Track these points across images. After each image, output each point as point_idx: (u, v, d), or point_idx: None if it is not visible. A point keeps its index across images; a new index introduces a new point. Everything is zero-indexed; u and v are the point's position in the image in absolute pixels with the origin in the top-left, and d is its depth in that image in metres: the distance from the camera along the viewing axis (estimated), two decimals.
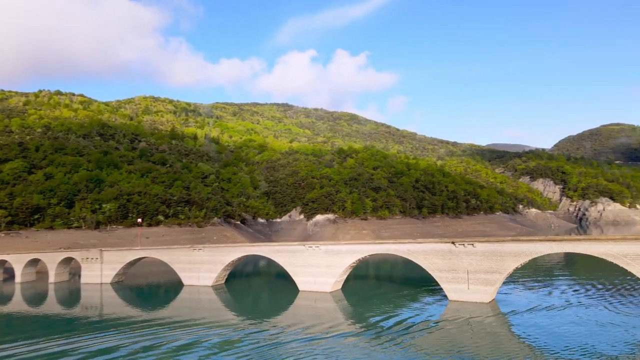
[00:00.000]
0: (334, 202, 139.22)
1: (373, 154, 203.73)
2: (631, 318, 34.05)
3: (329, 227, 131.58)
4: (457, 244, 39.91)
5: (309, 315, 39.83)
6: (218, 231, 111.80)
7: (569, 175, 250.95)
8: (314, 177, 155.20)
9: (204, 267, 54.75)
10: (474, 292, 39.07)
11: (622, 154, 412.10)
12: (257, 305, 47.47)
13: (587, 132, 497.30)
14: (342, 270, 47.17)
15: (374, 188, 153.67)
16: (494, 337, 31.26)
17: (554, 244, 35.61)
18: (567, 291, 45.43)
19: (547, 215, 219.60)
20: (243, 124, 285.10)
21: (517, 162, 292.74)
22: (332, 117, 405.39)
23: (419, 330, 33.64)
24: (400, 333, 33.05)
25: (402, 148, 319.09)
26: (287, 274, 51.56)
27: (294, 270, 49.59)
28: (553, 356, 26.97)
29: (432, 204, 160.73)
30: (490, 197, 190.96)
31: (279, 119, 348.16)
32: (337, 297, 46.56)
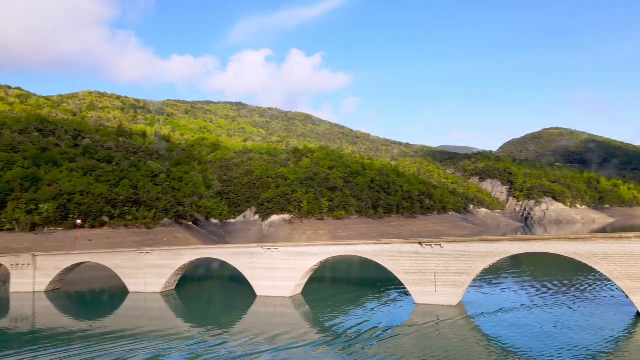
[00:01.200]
0: (289, 202, 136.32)
1: (328, 153, 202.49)
2: (597, 318, 33.63)
3: (285, 227, 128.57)
4: (424, 244, 38.29)
5: (268, 323, 36.99)
6: (169, 233, 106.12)
7: (515, 176, 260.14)
8: (269, 176, 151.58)
9: (152, 272, 50.42)
10: (441, 294, 37.57)
11: (562, 157, 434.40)
12: (210, 313, 43.87)
13: (530, 136, 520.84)
14: (304, 274, 44.55)
15: (330, 188, 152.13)
16: (462, 340, 29.84)
17: (522, 243, 34.65)
18: (532, 291, 45.03)
19: (496, 214, 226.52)
20: (195, 122, 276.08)
21: (467, 164, 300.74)
22: (286, 117, 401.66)
23: (385, 336, 31.71)
24: (366, 339, 31.02)
25: (356, 149, 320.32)
26: (243, 278, 48.32)
27: (251, 274, 46.45)
28: (521, 358, 25.98)
29: (388, 204, 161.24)
30: (443, 197, 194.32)
31: (232, 118, 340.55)
32: (297, 302, 43.89)
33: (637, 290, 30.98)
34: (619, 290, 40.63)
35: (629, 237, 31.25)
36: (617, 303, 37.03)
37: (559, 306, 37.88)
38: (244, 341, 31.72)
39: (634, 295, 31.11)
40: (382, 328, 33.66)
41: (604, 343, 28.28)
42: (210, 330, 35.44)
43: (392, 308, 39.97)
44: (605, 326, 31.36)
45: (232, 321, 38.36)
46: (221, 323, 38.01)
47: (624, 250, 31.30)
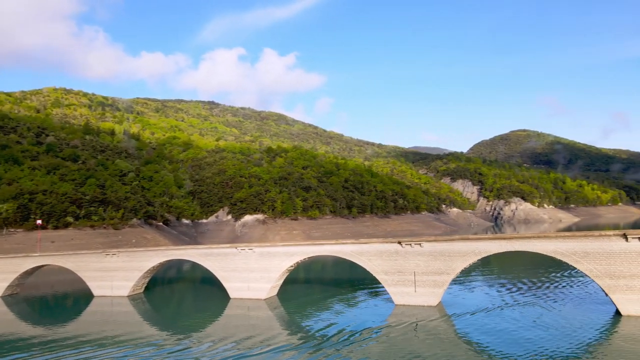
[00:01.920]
0: (263, 202, 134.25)
1: (302, 153, 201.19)
2: (576, 317, 33.40)
3: (258, 227, 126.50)
4: (403, 244, 37.41)
5: (242, 326, 35.40)
6: (137, 233, 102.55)
7: (485, 177, 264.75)
8: (242, 176, 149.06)
9: (118, 275, 47.91)
10: (421, 295, 36.75)
11: (529, 158, 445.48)
12: (181, 317, 41.84)
13: (499, 137, 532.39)
14: (279, 275, 43.05)
15: (304, 188, 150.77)
16: (442, 341, 29.10)
17: (503, 242, 34.18)
18: (511, 290, 44.77)
19: (467, 214, 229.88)
20: (166, 120, 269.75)
21: (438, 164, 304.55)
22: (259, 116, 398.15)
23: (362, 338, 30.68)
24: (343, 342, 29.94)
25: (329, 149, 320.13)
26: (216, 280, 46.45)
27: (224, 275, 44.63)
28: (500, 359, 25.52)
29: (362, 204, 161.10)
30: (416, 197, 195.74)
31: (204, 117, 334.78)
32: (272, 304, 42.37)
33: (617, 289, 30.89)
34: (596, 289, 40.82)
35: (608, 235, 31.14)
36: (595, 301, 37.03)
37: (537, 305, 37.63)
38: (216, 345, 30.08)
39: (614, 293, 31.00)
40: (359, 330, 32.59)
41: (584, 342, 27.98)
42: (181, 334, 33.60)
43: (371, 309, 38.94)
44: (584, 325, 31.14)
45: (204, 325, 36.56)
46: (192, 327, 36.18)
47: (603, 248, 31.17)
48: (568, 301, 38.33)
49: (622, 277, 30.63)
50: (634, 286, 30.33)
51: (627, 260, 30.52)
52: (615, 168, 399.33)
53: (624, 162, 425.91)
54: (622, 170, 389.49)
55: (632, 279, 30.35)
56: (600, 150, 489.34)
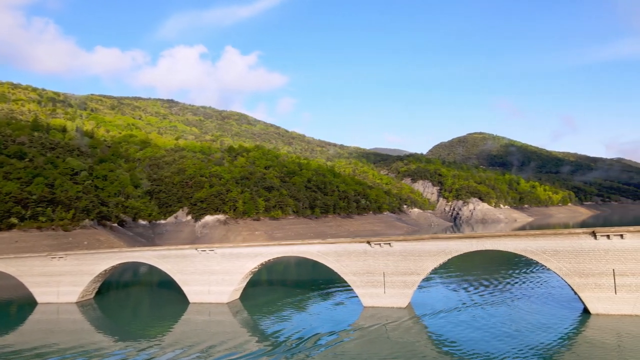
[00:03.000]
0: (224, 202, 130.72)
1: (264, 153, 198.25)
2: (544, 315, 33.14)
3: (219, 228, 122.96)
4: (372, 243, 36.17)
5: (202, 333, 33.11)
6: (90, 235, 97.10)
7: (444, 178, 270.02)
8: (202, 175, 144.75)
9: (66, 280, 44.31)
10: (391, 296, 35.61)
11: (485, 159, 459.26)
12: (135, 324, 38.94)
13: (457, 140, 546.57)
14: (242, 277, 40.90)
15: (267, 187, 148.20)
16: (412, 343, 28.12)
17: (474, 241, 33.53)
18: (479, 290, 44.38)
19: (428, 214, 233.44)
20: (123, 118, 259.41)
21: (399, 165, 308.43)
22: (220, 115, 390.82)
23: (330, 342, 29.24)
24: (310, 346, 28.41)
25: (291, 149, 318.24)
26: (174, 284, 43.77)
27: (183, 278, 42.05)
28: None
29: (325, 204, 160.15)
30: (378, 197, 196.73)
31: (163, 115, 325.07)
32: (235, 308, 40.20)
33: (586, 287, 30.79)
34: (564, 287, 41.01)
35: (577, 234, 31.02)
36: (563, 300, 37.04)
37: (505, 304, 37.33)
38: (174, 354, 27.78)
39: (583, 291, 30.90)
40: (327, 333, 31.13)
41: (553, 341, 27.64)
42: (134, 343, 31.01)
43: (338, 312, 37.50)
44: (553, 324, 30.88)
45: (160, 332, 34.01)
46: (147, 335, 33.56)
47: (572, 246, 31.02)
48: (536, 300, 38.24)
49: (591, 275, 30.56)
50: (602, 284, 30.31)
51: (595, 258, 30.49)
52: (565, 170, 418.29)
53: (573, 165, 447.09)
54: (571, 172, 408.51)
55: (600, 277, 30.33)
56: (550, 153, 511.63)
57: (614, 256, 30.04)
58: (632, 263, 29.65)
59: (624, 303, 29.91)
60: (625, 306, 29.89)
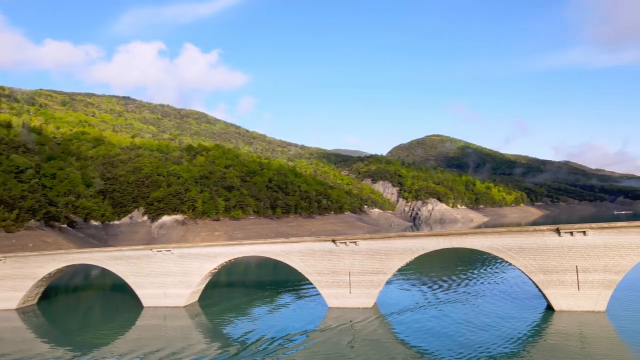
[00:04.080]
0: (183, 202, 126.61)
1: (225, 152, 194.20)
2: (508, 313, 33.05)
3: (177, 229, 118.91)
4: (338, 242, 35.07)
5: (157, 338, 30.98)
6: (36, 237, 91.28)
7: (404, 178, 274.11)
8: (160, 174, 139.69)
9: (5, 285, 40.71)
10: (356, 296, 34.61)
11: (443, 161, 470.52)
12: (83, 331, 36.02)
13: (415, 141, 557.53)
14: (201, 279, 38.83)
15: (227, 187, 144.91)
16: (378, 344, 27.28)
17: (440, 239, 33.04)
18: (444, 288, 44.09)
19: (388, 214, 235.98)
20: (75, 115, 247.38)
21: (360, 166, 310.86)
22: (179, 114, 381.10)
23: (294, 345, 28.02)
24: (273, 350, 27.13)
25: (252, 149, 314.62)
26: (128, 287, 41.12)
27: (137, 281, 39.49)
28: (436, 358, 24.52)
29: (286, 204, 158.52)
30: (339, 197, 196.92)
31: (119, 112, 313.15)
32: (193, 311, 38.09)
33: (550, 284, 30.88)
34: (526, 284, 41.38)
35: (542, 231, 31.09)
36: (526, 297, 37.24)
37: (470, 302, 37.14)
38: None
39: (547, 288, 30.98)
40: (290, 335, 29.83)
41: (516, 338, 27.51)
42: (81, 351, 28.51)
43: (302, 313, 36.14)
44: (517, 321, 30.81)
45: (111, 340, 31.54)
46: (96, 342, 31.04)
47: (537, 243, 31.06)
48: (500, 297, 38.26)
49: (555, 272, 30.68)
50: (565, 281, 30.48)
51: (559, 255, 30.63)
52: (517, 172, 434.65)
53: (524, 167, 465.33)
54: (523, 174, 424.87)
55: (564, 274, 30.49)
56: (504, 155, 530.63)
57: (577, 253, 30.28)
58: (594, 259, 29.98)
59: (587, 299, 30.19)
60: (588, 302, 30.18)
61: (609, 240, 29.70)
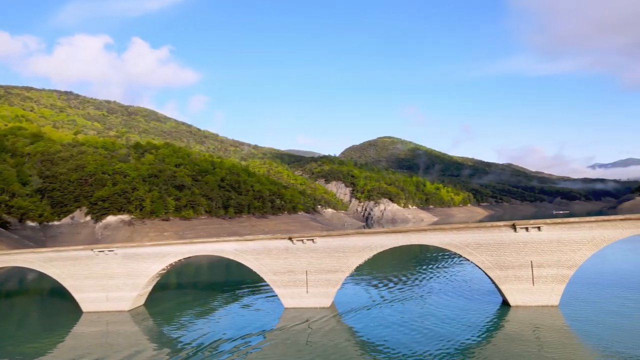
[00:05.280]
0: (129, 201, 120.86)
1: (175, 150, 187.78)
2: (464, 309, 33.03)
3: (123, 229, 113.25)
4: (295, 240, 33.79)
5: (97, 346, 28.51)
6: None
7: (357, 179, 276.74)
8: (105, 172, 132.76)
9: None
10: (314, 295, 33.46)
11: (394, 162, 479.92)
12: (15, 340, 32.69)
13: (367, 143, 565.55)
14: (148, 280, 36.33)
15: (177, 186, 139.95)
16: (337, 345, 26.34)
17: (399, 235, 32.52)
18: (401, 285, 43.75)
19: (341, 214, 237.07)
20: (10, 109, 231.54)
21: (313, 166, 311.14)
22: (127, 111, 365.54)
23: (248, 348, 26.55)
24: (225, 354, 25.64)
25: (204, 148, 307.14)
26: (66, 292, 37.91)
27: (75, 284, 36.41)
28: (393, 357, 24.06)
29: (239, 204, 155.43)
30: (293, 197, 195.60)
31: (60, 108, 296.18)
32: (139, 316, 35.57)
33: (506, 279, 31.07)
34: (482, 281, 41.74)
35: (499, 226, 31.25)
36: (482, 293, 37.45)
37: (427, 299, 36.88)
38: None
39: (503, 284, 31.15)
40: (243, 337, 28.36)
41: (473, 334, 27.39)
42: None
43: (257, 315, 34.54)
44: (473, 317, 30.77)
45: (48, 349, 28.67)
46: (31, 353, 28.13)
47: (494, 239, 31.18)
48: (457, 294, 38.28)
49: (511, 267, 30.90)
50: (521, 276, 30.76)
51: (515, 251, 30.88)
52: (465, 173, 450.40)
53: (471, 169, 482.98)
54: (469, 176, 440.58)
55: (520, 269, 30.75)
56: (452, 157, 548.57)
57: (532, 248, 30.63)
58: (548, 254, 30.43)
59: (541, 294, 30.60)
60: (542, 297, 30.59)
61: (562, 235, 30.25)
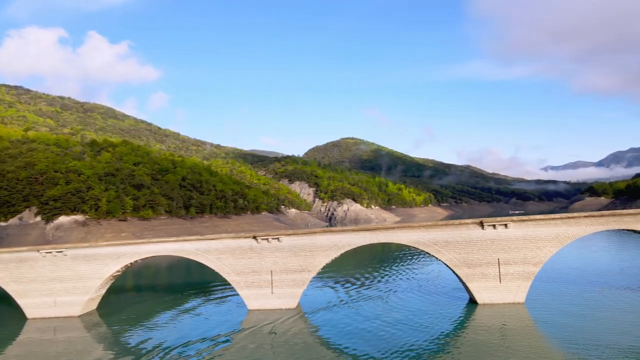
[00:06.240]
0: (84, 201, 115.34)
1: (134, 148, 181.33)
2: (432, 307, 32.71)
3: (77, 230, 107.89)
4: (259, 238, 32.41)
5: (43, 355, 26.34)
6: None
7: (320, 179, 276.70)
8: (57, 170, 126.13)
9: None
10: (279, 296, 32.19)
11: (357, 163, 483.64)
12: None
13: (331, 144, 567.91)
14: (101, 283, 33.99)
15: (136, 185, 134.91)
16: (302, 347, 25.45)
17: (367, 234, 31.77)
18: (368, 284, 43.06)
19: (305, 214, 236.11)
20: None
21: (277, 166, 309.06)
22: (82, 108, 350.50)
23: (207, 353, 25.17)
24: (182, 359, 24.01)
25: (164, 147, 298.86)
26: (9, 297, 35.00)
27: (19, 289, 33.62)
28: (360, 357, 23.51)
29: (201, 204, 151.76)
30: (256, 197, 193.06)
31: (9, 103, 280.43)
32: (90, 321, 33.24)
33: (474, 277, 30.87)
34: (449, 279, 41.64)
35: (467, 224, 31.02)
36: (449, 291, 37.24)
37: (394, 298, 36.25)
38: None
39: (471, 282, 30.93)
40: (202, 340, 26.96)
41: (438, 332, 27.09)
42: None
43: (218, 318, 32.90)
44: (440, 316, 30.41)
45: None
46: None
47: (462, 236, 30.93)
48: (424, 293, 37.87)
49: (479, 265, 30.73)
50: (488, 274, 30.63)
51: (482, 248, 30.74)
52: (426, 174, 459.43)
53: (432, 170, 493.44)
54: (430, 177, 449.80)
55: (487, 267, 30.62)
56: (413, 158, 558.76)
57: (499, 245, 30.58)
58: (514, 252, 30.45)
59: (508, 292, 30.58)
60: (509, 294, 30.58)
61: (528, 232, 30.35)
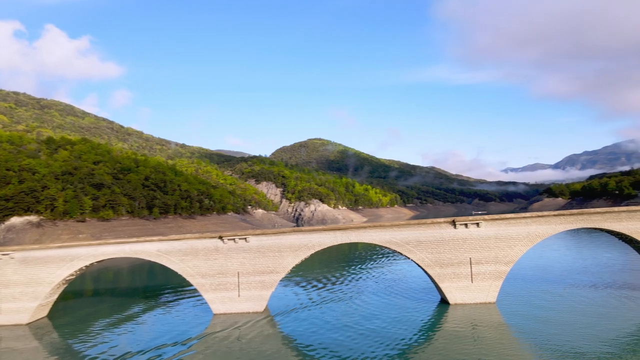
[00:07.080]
0: (39, 201, 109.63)
1: (94, 146, 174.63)
2: (403, 308, 32.10)
3: (30, 231, 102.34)
4: (225, 239, 30.87)
5: None
6: None
7: (287, 180, 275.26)
8: (9, 169, 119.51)
9: None
10: (246, 299, 30.73)
11: (324, 164, 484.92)
12: None
13: (298, 144, 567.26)
14: (52, 288, 31.57)
15: (95, 185, 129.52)
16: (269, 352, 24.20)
17: (338, 233, 30.79)
18: (340, 286, 42.04)
19: (272, 215, 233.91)
20: None
21: (243, 166, 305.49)
22: (39, 104, 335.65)
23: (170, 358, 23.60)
24: None
25: (127, 146, 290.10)
26: None
27: None
28: None
29: (165, 204, 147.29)
30: (222, 197, 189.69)
31: None
32: (42, 329, 30.82)
33: (446, 277, 30.37)
34: (420, 279, 41.20)
35: (439, 223, 30.51)
36: (420, 292, 36.72)
37: (365, 299, 35.44)
38: None
39: (443, 282, 30.43)
40: (165, 350, 25.26)
41: (411, 334, 26.52)
42: None
43: (182, 322, 31.15)
44: (411, 316, 29.82)
45: None
46: None
47: (434, 236, 30.39)
48: (394, 294, 37.17)
49: (451, 264, 30.27)
50: (460, 273, 30.22)
51: (455, 248, 30.30)
52: (392, 175, 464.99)
53: (398, 171, 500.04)
54: (396, 178, 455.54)
55: (459, 266, 30.20)
56: (380, 160, 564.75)
57: (471, 245, 30.22)
58: (486, 251, 30.17)
59: (479, 291, 30.26)
60: (480, 294, 30.26)
61: (500, 231, 30.13)
